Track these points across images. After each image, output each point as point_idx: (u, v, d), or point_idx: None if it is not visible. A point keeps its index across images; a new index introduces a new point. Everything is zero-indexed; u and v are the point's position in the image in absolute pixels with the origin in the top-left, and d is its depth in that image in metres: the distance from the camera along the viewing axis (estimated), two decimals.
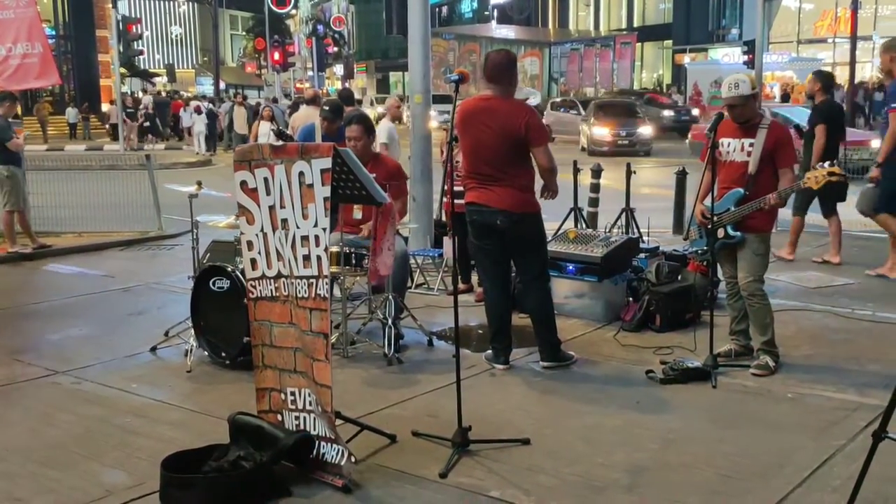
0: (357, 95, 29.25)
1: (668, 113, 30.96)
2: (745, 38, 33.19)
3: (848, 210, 10.55)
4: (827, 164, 5.31)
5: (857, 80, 32.03)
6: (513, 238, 5.37)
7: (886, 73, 7.79)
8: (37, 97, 35.51)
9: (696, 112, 30.50)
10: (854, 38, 32.96)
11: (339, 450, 3.92)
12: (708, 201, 5.38)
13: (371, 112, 39.62)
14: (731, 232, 5.37)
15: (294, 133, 9.45)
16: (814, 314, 6.70)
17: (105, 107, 35.31)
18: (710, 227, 5.37)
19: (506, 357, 5.59)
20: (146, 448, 4.37)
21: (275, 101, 31.11)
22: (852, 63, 32.80)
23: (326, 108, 7.96)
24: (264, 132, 15.01)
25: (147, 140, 30.63)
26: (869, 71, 38.26)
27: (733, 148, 5.40)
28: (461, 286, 7.30)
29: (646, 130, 24.19)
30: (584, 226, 8.51)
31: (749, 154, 5.31)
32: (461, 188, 7.11)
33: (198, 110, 27.65)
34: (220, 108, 29.67)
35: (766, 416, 4.72)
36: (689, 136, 21.06)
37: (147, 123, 31.71)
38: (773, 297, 5.80)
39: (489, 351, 5.67)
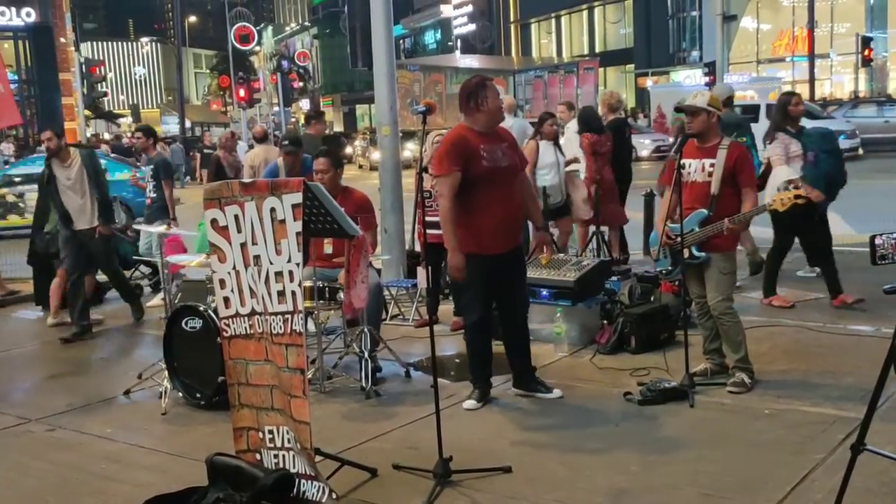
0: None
1: (646, 141, 27.81)
2: (705, 59, 33.68)
3: None
4: (792, 186, 5.39)
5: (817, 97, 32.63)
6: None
7: None
8: None
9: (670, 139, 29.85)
10: (812, 57, 33.63)
11: (319, 486, 3.89)
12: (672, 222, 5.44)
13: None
14: (695, 252, 5.41)
15: (256, 173, 9.31)
16: (786, 329, 6.76)
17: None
18: (674, 247, 5.42)
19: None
20: (122, 494, 4.30)
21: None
22: (811, 81, 33.42)
23: (286, 141, 7.85)
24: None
25: None
26: (828, 88, 39.05)
27: (694, 168, 5.46)
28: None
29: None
30: (554, 250, 8.53)
31: (710, 175, 5.37)
32: (434, 218, 7.15)
33: None
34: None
35: (744, 432, 4.74)
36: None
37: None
38: (744, 314, 5.84)
39: (476, 396, 5.42)
